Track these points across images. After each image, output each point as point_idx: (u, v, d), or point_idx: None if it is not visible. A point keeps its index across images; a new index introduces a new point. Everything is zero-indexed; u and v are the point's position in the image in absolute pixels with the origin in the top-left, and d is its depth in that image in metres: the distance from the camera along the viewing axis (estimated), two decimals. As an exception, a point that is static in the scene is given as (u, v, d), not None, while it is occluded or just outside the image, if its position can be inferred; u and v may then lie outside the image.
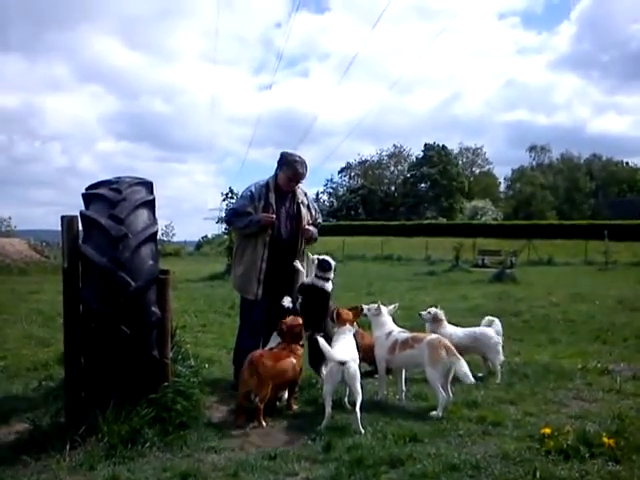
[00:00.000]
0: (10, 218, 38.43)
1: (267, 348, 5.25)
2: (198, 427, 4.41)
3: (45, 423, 4.28)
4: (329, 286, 5.72)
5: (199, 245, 55.34)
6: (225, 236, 22.62)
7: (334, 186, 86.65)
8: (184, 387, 4.53)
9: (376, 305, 5.55)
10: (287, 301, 5.57)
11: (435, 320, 6.25)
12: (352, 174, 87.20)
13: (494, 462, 3.77)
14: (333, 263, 5.78)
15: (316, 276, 5.71)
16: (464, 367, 4.93)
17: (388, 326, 5.44)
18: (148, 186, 4.71)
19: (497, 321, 6.35)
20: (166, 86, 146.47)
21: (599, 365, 6.56)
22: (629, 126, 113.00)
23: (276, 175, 5.87)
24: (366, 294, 14.06)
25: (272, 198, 5.75)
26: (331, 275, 5.73)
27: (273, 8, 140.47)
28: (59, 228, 4.31)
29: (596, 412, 4.88)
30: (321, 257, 5.79)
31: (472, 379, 4.97)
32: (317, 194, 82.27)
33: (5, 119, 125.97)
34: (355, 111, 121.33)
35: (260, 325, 5.72)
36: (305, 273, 5.85)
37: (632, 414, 4.71)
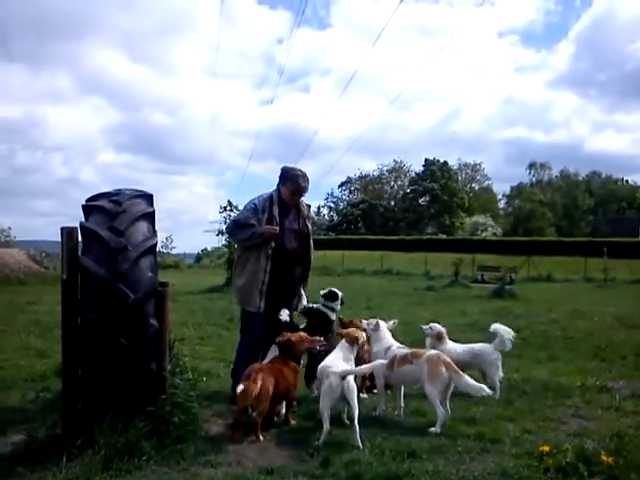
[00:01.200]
0: (10, 228, 38.44)
1: (266, 361, 5.25)
2: (195, 441, 4.38)
3: (41, 435, 4.24)
4: (333, 316, 6.04)
5: (199, 257, 55.27)
6: (225, 249, 22.58)
7: (335, 200, 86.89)
8: (182, 400, 4.50)
9: (375, 321, 5.55)
10: (285, 314, 5.61)
11: (438, 338, 6.16)
12: (352, 188, 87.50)
13: (492, 479, 3.75)
14: (340, 294, 6.13)
15: (323, 304, 6.05)
16: (470, 381, 4.92)
17: (387, 341, 5.43)
18: (148, 198, 4.72)
19: (506, 330, 6.28)
20: (168, 99, 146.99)
21: (598, 382, 6.53)
22: (627, 144, 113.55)
23: (279, 189, 5.90)
24: (365, 308, 14.03)
25: (276, 211, 5.76)
26: (337, 306, 6.08)
27: (275, 24, 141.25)
28: (59, 239, 4.31)
29: (595, 430, 4.86)
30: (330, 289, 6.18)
31: (487, 389, 4.94)
32: (318, 208, 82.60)
33: (7, 129, 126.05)
34: (355, 126, 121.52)
35: (261, 338, 5.70)
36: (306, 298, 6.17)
37: (631, 432, 4.69)
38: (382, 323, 5.54)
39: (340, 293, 6.14)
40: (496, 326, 6.27)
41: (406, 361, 5.15)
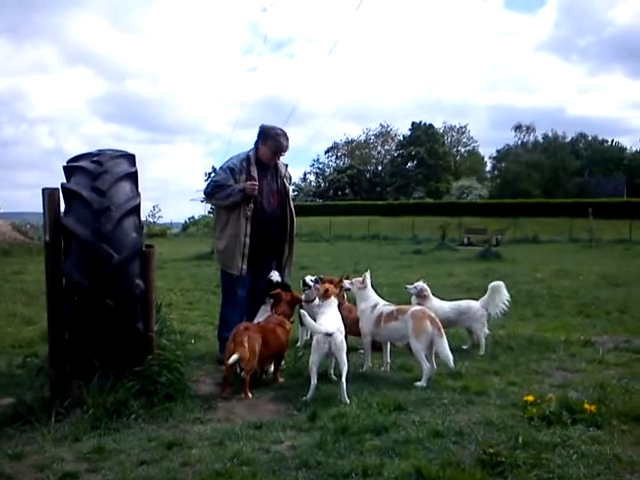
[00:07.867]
0: (-6, 200, 37.85)
1: (255, 321, 5.27)
2: (184, 399, 4.41)
3: (30, 397, 4.24)
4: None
5: (185, 226, 55.03)
6: (211, 215, 22.48)
7: (321, 166, 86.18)
8: (169, 360, 4.51)
9: (360, 278, 5.54)
10: (275, 275, 5.63)
11: (420, 295, 6.22)
12: (339, 154, 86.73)
13: (477, 429, 3.81)
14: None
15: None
16: (446, 347, 4.95)
17: (373, 299, 5.45)
18: (130, 159, 4.65)
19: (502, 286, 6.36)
20: (154, 68, 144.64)
21: (582, 337, 6.61)
22: (609, 108, 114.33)
23: (257, 148, 5.82)
24: (353, 272, 14.03)
25: (254, 171, 5.68)
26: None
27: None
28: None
29: (579, 381, 4.94)
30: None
31: (452, 364, 4.98)
32: (304, 174, 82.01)
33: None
34: (341, 92, 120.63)
35: (243, 299, 5.72)
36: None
37: (614, 382, 4.78)
38: (369, 278, 5.54)
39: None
40: (497, 284, 6.32)
41: (392, 318, 5.18)
